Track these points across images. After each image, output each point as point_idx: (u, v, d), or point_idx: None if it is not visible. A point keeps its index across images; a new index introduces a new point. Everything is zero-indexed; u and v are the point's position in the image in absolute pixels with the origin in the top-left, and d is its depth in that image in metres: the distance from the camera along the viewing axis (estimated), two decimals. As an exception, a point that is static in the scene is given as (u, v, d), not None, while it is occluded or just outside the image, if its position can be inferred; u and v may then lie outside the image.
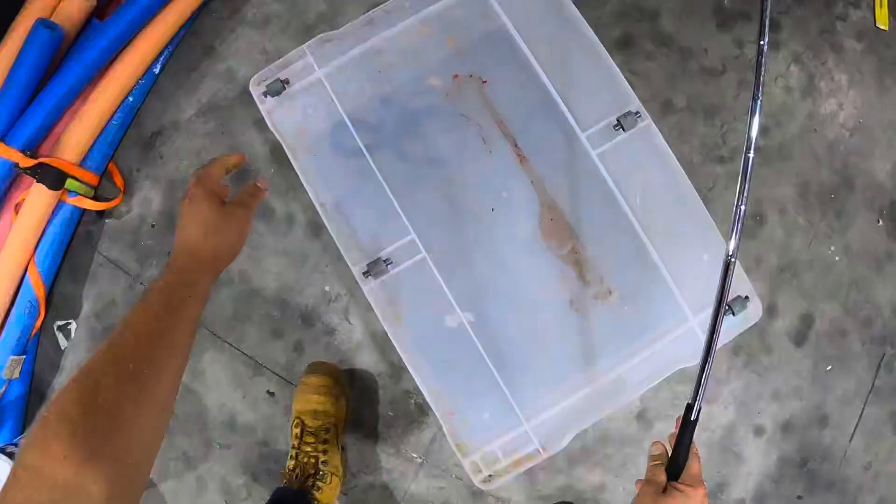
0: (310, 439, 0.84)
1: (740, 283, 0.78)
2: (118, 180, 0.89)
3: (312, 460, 0.83)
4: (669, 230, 0.78)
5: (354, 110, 0.80)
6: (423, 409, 0.63)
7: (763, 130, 1.07)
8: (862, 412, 1.02)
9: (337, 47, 0.82)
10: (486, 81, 0.80)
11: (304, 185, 0.79)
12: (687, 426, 0.58)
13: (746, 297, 0.78)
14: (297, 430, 0.85)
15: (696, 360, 0.58)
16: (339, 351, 0.92)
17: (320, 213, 0.78)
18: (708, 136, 1.05)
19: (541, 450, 0.74)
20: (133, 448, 0.39)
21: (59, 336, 0.91)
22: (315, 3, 0.98)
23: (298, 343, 0.92)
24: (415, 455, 0.90)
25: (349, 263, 0.77)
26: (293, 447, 0.85)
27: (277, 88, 0.80)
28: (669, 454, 0.59)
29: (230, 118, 0.93)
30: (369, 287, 0.76)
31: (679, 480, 0.57)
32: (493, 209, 0.78)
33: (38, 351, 0.90)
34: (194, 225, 0.50)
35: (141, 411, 0.40)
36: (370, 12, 0.83)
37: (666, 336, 0.76)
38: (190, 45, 0.95)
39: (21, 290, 0.86)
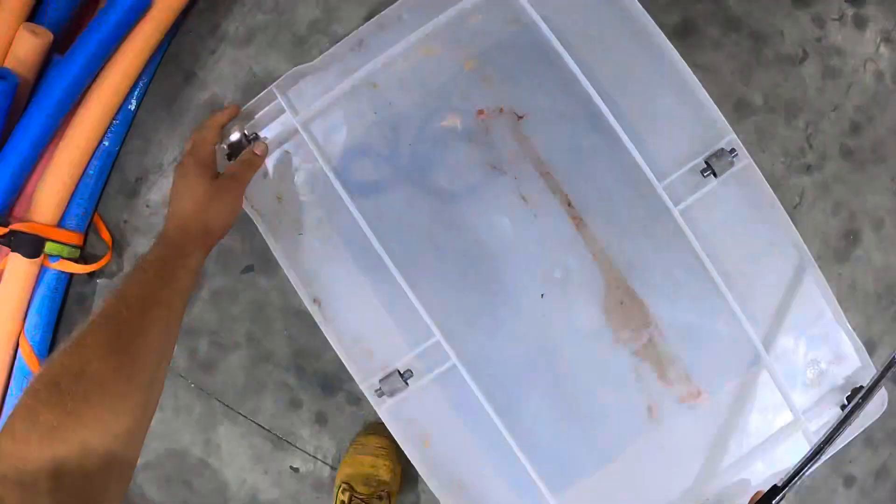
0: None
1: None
2: (105, 235, 0.80)
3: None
4: (777, 312, 0.58)
5: (346, 169, 0.60)
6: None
7: (853, 128, 0.87)
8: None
9: (318, 83, 0.60)
10: (522, 117, 0.59)
11: (288, 276, 0.60)
12: None
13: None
14: (345, 498, 0.71)
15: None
16: (366, 424, 0.80)
17: (312, 312, 0.59)
18: (790, 141, 0.85)
19: None
20: (122, 418, 0.39)
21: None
22: (306, 9, 0.78)
23: (320, 414, 0.80)
24: None
25: (356, 379, 0.58)
26: None
27: (243, 145, 0.60)
28: None
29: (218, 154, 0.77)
30: (385, 409, 0.58)
31: None
32: (542, 294, 0.58)
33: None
34: (185, 199, 0.50)
35: (131, 382, 0.40)
36: (359, 30, 0.61)
37: (768, 444, 0.58)
38: (167, 72, 0.79)
39: (16, 364, 0.79)
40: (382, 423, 0.72)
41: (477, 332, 0.59)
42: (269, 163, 0.61)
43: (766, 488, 0.48)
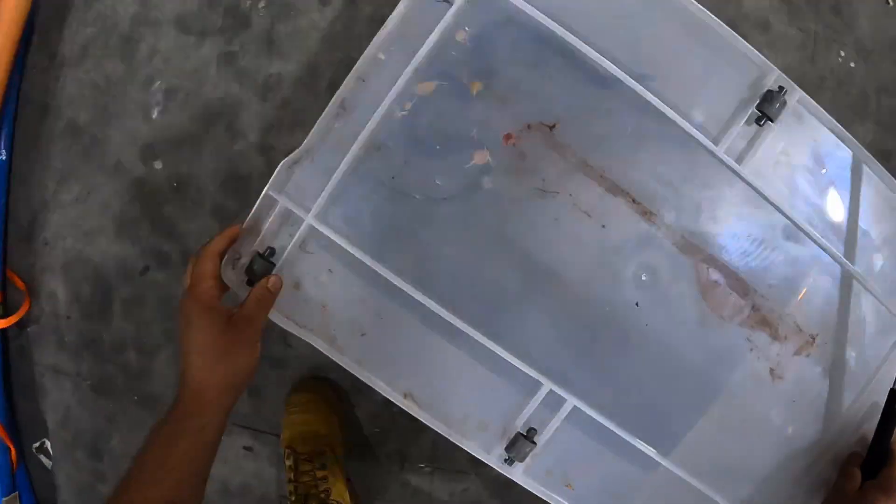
0: (306, 467, 0.71)
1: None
2: (20, 284, 0.82)
3: (314, 490, 0.70)
4: (859, 231, 0.56)
5: (384, 248, 0.52)
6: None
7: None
8: None
9: (315, 169, 0.52)
10: (554, 126, 0.52)
11: (369, 383, 0.54)
12: (890, 417, 0.54)
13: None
14: (290, 462, 0.72)
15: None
16: (293, 383, 0.80)
17: (407, 408, 0.54)
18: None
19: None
20: None
21: (41, 457, 0.85)
22: (124, 8, 0.78)
23: (251, 388, 0.81)
24: (422, 465, 0.81)
25: (480, 456, 0.54)
26: (289, 481, 0.72)
27: (264, 268, 0.52)
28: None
29: (91, 175, 0.80)
30: (521, 474, 0.55)
31: (877, 479, 0.54)
32: (636, 303, 0.54)
33: (30, 479, 0.84)
34: (195, 354, 0.46)
35: None
36: (338, 91, 0.51)
37: (887, 365, 0.58)
38: (25, 113, 0.80)
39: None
40: (307, 379, 0.79)
41: (583, 364, 0.55)
42: (297, 271, 0.53)
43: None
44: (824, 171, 0.55)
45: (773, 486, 0.59)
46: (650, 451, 0.56)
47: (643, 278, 0.54)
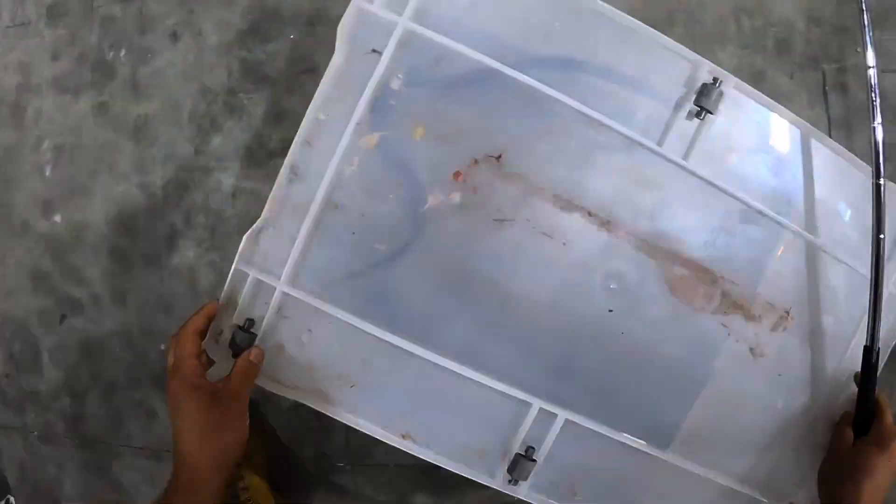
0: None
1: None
2: None
3: (236, 502, 0.73)
4: (816, 200, 0.57)
5: (358, 300, 0.54)
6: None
7: None
8: None
9: (278, 235, 0.53)
10: (500, 156, 0.53)
11: (367, 432, 0.55)
12: (868, 373, 0.56)
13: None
14: None
15: None
16: None
17: (407, 449, 0.56)
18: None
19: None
20: None
21: (8, 513, 0.91)
22: (9, 76, 0.84)
23: (150, 409, 0.85)
24: (341, 464, 0.84)
25: (485, 482, 0.56)
26: None
27: (245, 340, 0.53)
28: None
29: (3, 239, 0.86)
30: (526, 492, 0.57)
31: (868, 436, 0.55)
32: (610, 310, 0.55)
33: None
34: (186, 433, 0.47)
35: None
36: (287, 157, 0.53)
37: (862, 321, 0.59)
38: None
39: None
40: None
41: (569, 377, 0.56)
42: (279, 337, 0.55)
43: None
44: (772, 150, 0.56)
45: (772, 457, 0.61)
46: (649, 448, 0.57)
47: (612, 286, 0.55)
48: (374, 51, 0.52)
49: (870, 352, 0.56)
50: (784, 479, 0.62)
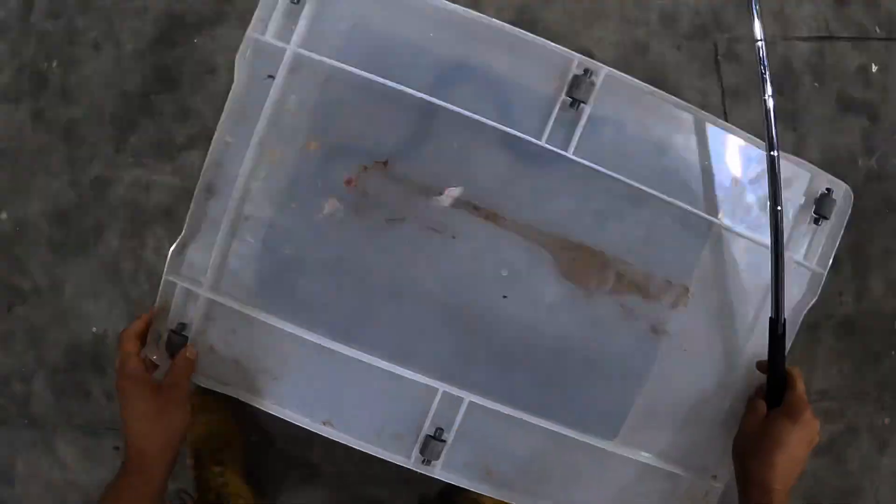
0: (204, 463, 0.82)
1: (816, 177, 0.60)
2: None
3: (212, 483, 0.79)
4: (706, 175, 0.58)
5: (271, 302, 0.60)
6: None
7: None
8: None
9: (201, 247, 0.60)
10: (386, 162, 0.58)
11: (292, 421, 0.61)
12: (775, 343, 0.57)
13: (829, 191, 0.60)
14: (191, 460, 0.82)
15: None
16: None
17: (329, 435, 0.61)
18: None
19: None
20: None
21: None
22: None
23: (110, 392, 0.94)
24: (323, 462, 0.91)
25: (401, 463, 0.61)
26: (194, 478, 0.83)
27: (179, 342, 0.60)
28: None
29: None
30: (440, 470, 0.61)
31: (780, 407, 0.56)
32: (504, 296, 0.59)
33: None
34: (134, 421, 0.53)
35: None
36: (201, 178, 0.59)
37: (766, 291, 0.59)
38: None
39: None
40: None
41: (472, 362, 0.60)
42: (209, 337, 0.62)
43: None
44: (653, 133, 0.58)
45: (688, 432, 0.62)
46: (558, 427, 0.60)
47: (504, 274, 0.58)
48: (269, 76, 0.58)
49: (776, 323, 0.57)
50: (704, 453, 0.63)
